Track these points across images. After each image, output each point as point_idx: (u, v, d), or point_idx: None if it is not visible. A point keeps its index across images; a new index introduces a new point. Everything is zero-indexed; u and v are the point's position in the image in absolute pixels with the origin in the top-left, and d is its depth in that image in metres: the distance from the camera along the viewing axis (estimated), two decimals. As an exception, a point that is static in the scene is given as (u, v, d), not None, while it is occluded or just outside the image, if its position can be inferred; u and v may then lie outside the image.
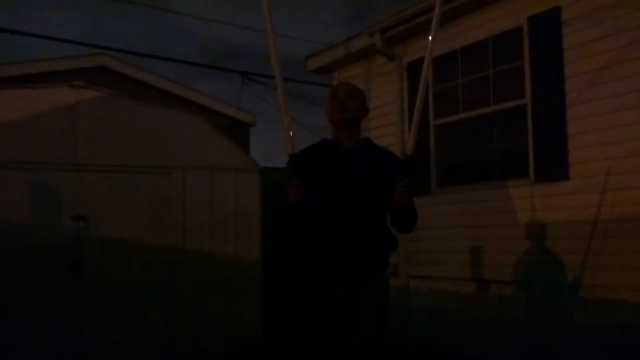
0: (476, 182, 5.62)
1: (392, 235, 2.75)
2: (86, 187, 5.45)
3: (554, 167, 4.85)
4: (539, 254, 4.91)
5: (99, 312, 5.32)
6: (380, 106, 6.43)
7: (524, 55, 5.15)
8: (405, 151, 2.65)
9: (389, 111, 6.45)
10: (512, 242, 5.09)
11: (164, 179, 5.72)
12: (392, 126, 6.42)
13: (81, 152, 5.45)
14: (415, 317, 6.04)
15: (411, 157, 2.55)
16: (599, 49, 4.59)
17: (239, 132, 10.55)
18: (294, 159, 2.56)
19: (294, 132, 2.58)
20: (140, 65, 10.71)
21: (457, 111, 5.85)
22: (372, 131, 6.25)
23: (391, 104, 6.45)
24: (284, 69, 2.63)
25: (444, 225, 5.75)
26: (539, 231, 4.91)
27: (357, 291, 2.62)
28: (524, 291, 5.06)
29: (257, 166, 6.14)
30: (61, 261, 5.30)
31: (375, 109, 6.03)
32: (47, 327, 5.14)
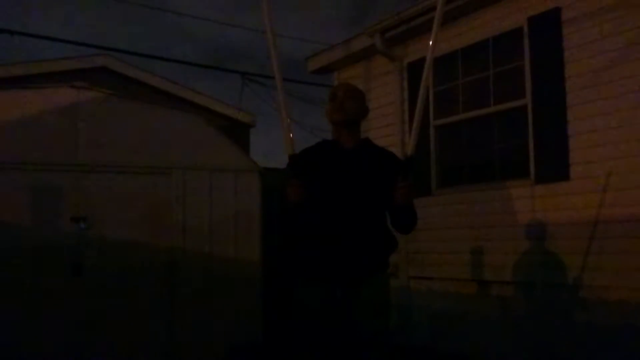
0: (477, 182, 5.61)
1: (392, 235, 2.75)
2: (86, 188, 5.45)
3: (555, 167, 4.85)
4: (539, 254, 4.91)
5: (99, 312, 5.32)
6: (380, 107, 6.43)
7: (524, 55, 5.15)
8: (405, 152, 2.65)
9: (389, 112, 6.45)
10: (512, 243, 5.09)
11: (164, 179, 5.72)
12: (392, 127, 6.41)
13: (81, 152, 5.44)
14: (415, 317, 6.03)
15: (412, 158, 2.54)
16: (599, 49, 4.59)
17: (238, 132, 10.56)
18: (294, 160, 2.56)
19: (294, 133, 2.57)
20: (140, 65, 10.73)
21: (458, 111, 5.85)
22: (372, 131, 6.25)
23: (391, 104, 6.45)
24: (284, 69, 2.63)
25: (445, 225, 5.75)
26: (539, 232, 4.91)
27: (357, 291, 2.62)
28: (525, 292, 5.06)
29: (257, 167, 6.14)
30: (61, 261, 5.29)
31: (375, 110, 6.03)
32: (47, 327, 5.14)
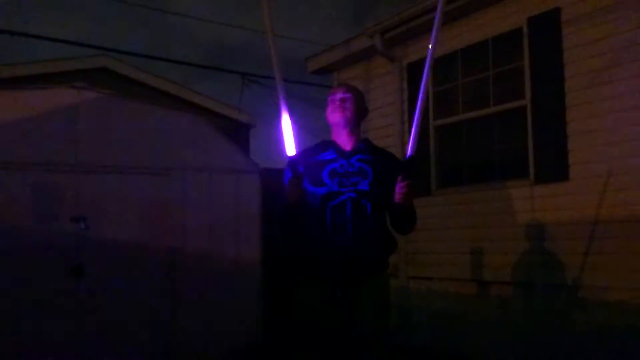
0: (476, 183, 5.62)
1: (392, 236, 2.75)
2: (86, 188, 5.44)
3: (554, 168, 4.85)
4: (539, 254, 4.91)
5: (99, 312, 5.32)
6: (379, 107, 6.44)
7: (524, 56, 5.16)
8: (405, 152, 2.65)
9: (389, 112, 6.45)
10: (512, 243, 5.10)
11: (164, 180, 5.71)
12: (391, 127, 6.42)
13: (82, 153, 5.44)
14: (415, 318, 6.03)
15: (412, 158, 2.55)
16: (598, 50, 4.59)
17: (238, 133, 10.56)
18: (293, 160, 2.56)
19: (293, 133, 2.57)
20: (141, 66, 10.73)
21: (457, 112, 5.86)
22: (371, 132, 6.26)
23: (391, 105, 6.45)
24: (284, 70, 2.63)
25: (444, 226, 5.75)
26: (538, 232, 4.91)
27: (357, 292, 2.62)
28: (524, 292, 5.06)
29: (257, 167, 6.14)
30: (61, 262, 5.28)
31: (374, 110, 6.05)
32: (46, 328, 5.14)
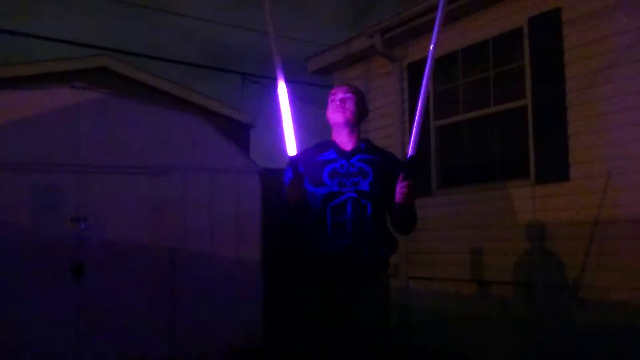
0: (477, 183, 5.62)
1: (392, 235, 2.75)
2: (87, 188, 5.45)
3: (555, 167, 4.85)
4: (539, 254, 4.91)
5: (99, 313, 5.32)
6: (380, 107, 6.43)
7: (524, 56, 5.15)
8: (406, 152, 2.65)
9: (389, 112, 6.45)
10: (512, 243, 5.09)
11: (165, 180, 5.72)
12: (392, 127, 6.42)
13: (82, 153, 5.45)
14: (415, 318, 6.03)
15: (413, 159, 2.54)
16: (599, 50, 4.59)
17: (239, 133, 10.56)
18: (294, 160, 2.56)
19: (294, 134, 2.57)
20: (140, 66, 10.73)
21: (458, 112, 5.86)
22: (371, 132, 6.25)
23: (391, 105, 6.45)
24: (285, 69, 2.62)
25: (444, 226, 5.75)
26: (539, 232, 4.91)
27: (357, 292, 2.62)
28: (525, 292, 5.06)
29: (257, 167, 6.14)
30: (62, 262, 5.29)
31: (375, 110, 6.04)
32: (47, 328, 5.14)
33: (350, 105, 2.75)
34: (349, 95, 2.77)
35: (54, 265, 5.27)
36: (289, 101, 2.59)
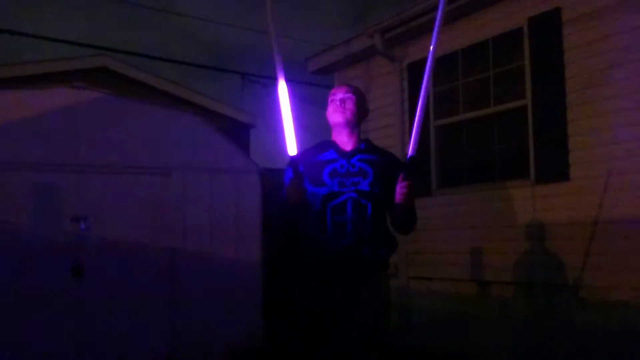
0: (477, 183, 5.62)
1: (392, 235, 2.75)
2: (87, 188, 5.45)
3: (555, 168, 4.85)
4: (539, 255, 4.91)
5: (99, 312, 5.32)
6: (380, 107, 6.43)
7: (524, 56, 5.15)
8: (406, 152, 2.65)
9: (389, 112, 6.45)
10: (512, 243, 5.09)
11: (165, 180, 5.72)
12: (392, 127, 6.42)
13: (82, 153, 5.44)
14: (415, 318, 6.03)
15: (413, 159, 2.54)
16: (599, 50, 4.59)
17: (239, 133, 10.56)
18: (294, 160, 2.56)
19: (294, 133, 2.57)
20: (140, 66, 10.73)
21: (458, 112, 5.86)
22: (372, 132, 6.25)
23: (391, 105, 6.46)
24: (285, 69, 2.62)
25: (444, 226, 5.75)
26: (539, 232, 4.91)
27: (357, 292, 2.62)
28: (525, 292, 5.06)
29: (257, 167, 6.14)
30: (61, 262, 5.29)
31: (375, 110, 6.04)
32: (46, 328, 5.14)
33: (350, 105, 2.75)
34: (349, 95, 2.77)
35: (53, 265, 5.26)
36: (289, 101, 2.59)
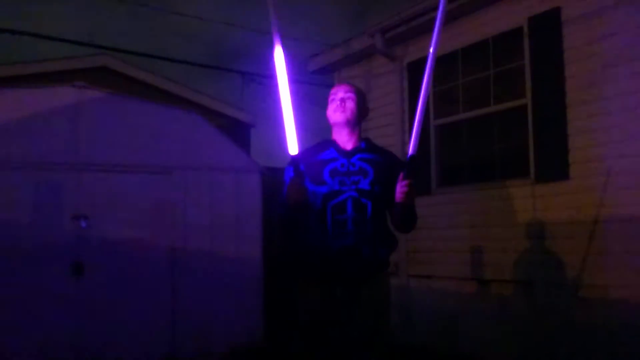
0: (477, 182, 5.63)
1: (392, 234, 2.76)
2: (87, 187, 5.46)
3: (555, 167, 4.86)
4: (539, 253, 4.92)
5: (99, 311, 5.33)
6: (380, 106, 6.44)
7: (524, 55, 5.16)
8: (406, 151, 2.65)
9: (389, 111, 6.46)
10: (512, 242, 5.10)
11: (165, 178, 5.73)
12: (392, 126, 6.43)
13: (82, 151, 5.46)
14: (415, 316, 6.05)
15: (414, 158, 2.55)
16: (599, 49, 4.59)
17: (239, 132, 10.58)
18: (295, 159, 2.57)
19: (295, 133, 2.57)
20: (141, 65, 10.74)
21: (458, 111, 5.86)
22: (372, 131, 6.26)
23: (391, 104, 6.46)
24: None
25: (444, 224, 5.76)
26: (539, 231, 4.92)
27: (357, 291, 2.63)
28: (524, 291, 5.07)
29: (257, 166, 6.15)
30: (62, 260, 5.31)
31: (375, 109, 6.05)
32: (47, 326, 5.15)
33: (350, 104, 2.76)
34: (349, 94, 2.78)
35: (53, 263, 5.28)
36: (290, 100, 2.58)
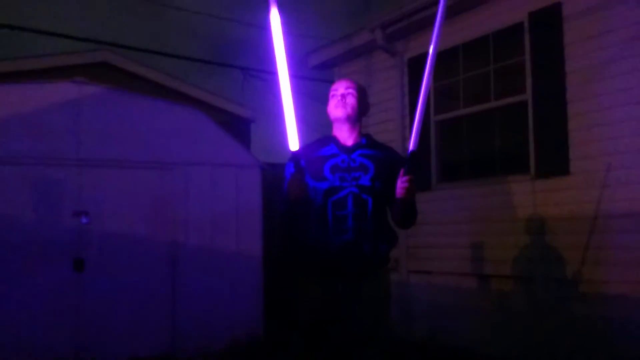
0: (477, 177, 5.63)
1: (393, 230, 2.76)
2: (88, 183, 5.47)
3: (555, 162, 4.86)
4: (539, 249, 4.93)
5: (100, 306, 5.34)
6: (381, 102, 6.44)
7: (525, 51, 5.16)
8: (406, 147, 2.65)
9: (390, 107, 6.46)
10: (512, 237, 5.11)
11: (166, 174, 5.73)
12: (392, 122, 6.42)
13: (83, 147, 5.46)
14: (415, 311, 6.06)
15: (414, 154, 2.55)
16: (599, 44, 4.59)
17: (240, 127, 10.57)
18: (295, 155, 2.57)
19: (296, 129, 2.57)
20: (141, 61, 10.73)
21: (458, 107, 5.86)
22: (372, 127, 6.26)
23: (392, 99, 6.46)
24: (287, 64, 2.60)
25: (445, 220, 5.76)
26: (539, 226, 4.93)
27: (357, 286, 2.63)
28: (524, 286, 5.08)
29: (258, 162, 6.16)
30: (63, 256, 5.32)
31: (376, 105, 6.05)
32: (48, 322, 5.16)
33: (351, 100, 2.75)
34: (350, 90, 2.77)
35: (54, 259, 5.29)
36: (290, 95, 2.58)
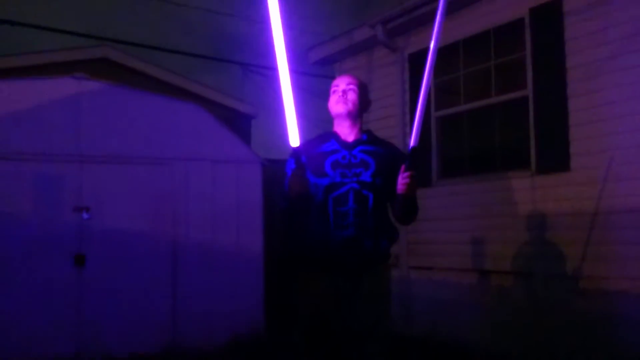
0: (477, 173, 5.63)
1: (394, 226, 2.76)
2: (89, 178, 5.47)
3: (556, 158, 4.86)
4: (539, 244, 4.93)
5: (101, 301, 5.35)
6: (381, 98, 6.43)
7: (525, 46, 5.15)
8: (407, 143, 2.65)
9: (391, 103, 6.45)
10: (512, 233, 5.11)
11: (167, 170, 5.74)
12: (393, 118, 6.42)
13: (83, 143, 5.46)
14: (415, 307, 6.07)
15: (415, 150, 2.55)
16: (600, 40, 4.58)
17: (240, 123, 10.56)
18: (296, 151, 2.57)
19: (296, 124, 2.57)
20: (141, 56, 10.72)
21: (459, 103, 5.86)
22: (373, 123, 6.25)
23: (393, 95, 6.45)
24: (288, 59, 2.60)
25: (445, 216, 5.77)
26: (539, 222, 4.93)
27: (358, 282, 2.64)
28: (525, 282, 5.08)
29: (258, 158, 6.16)
30: (64, 252, 5.33)
31: (376, 101, 6.01)
32: (49, 317, 5.18)
33: (352, 96, 2.75)
34: (351, 86, 2.77)
35: (55, 255, 5.30)
36: (290, 91, 2.57)
